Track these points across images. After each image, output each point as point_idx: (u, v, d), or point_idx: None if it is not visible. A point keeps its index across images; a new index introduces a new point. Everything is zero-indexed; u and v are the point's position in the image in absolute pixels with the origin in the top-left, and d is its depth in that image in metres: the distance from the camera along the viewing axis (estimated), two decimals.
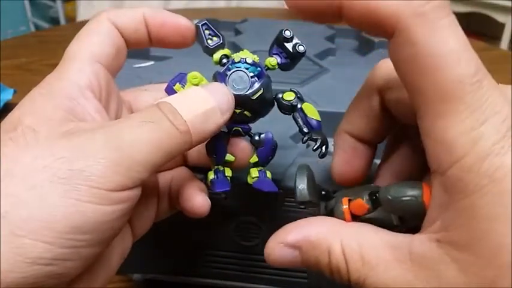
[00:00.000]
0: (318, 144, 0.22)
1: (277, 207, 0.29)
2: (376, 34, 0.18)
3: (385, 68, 0.22)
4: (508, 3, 1.91)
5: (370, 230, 0.19)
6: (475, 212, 0.16)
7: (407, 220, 0.20)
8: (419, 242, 0.18)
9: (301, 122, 0.23)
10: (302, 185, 0.22)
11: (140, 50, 0.37)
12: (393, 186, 0.20)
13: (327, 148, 0.23)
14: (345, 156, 0.24)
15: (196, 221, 0.24)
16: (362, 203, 0.21)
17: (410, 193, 0.19)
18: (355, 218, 0.21)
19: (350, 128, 0.24)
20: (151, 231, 0.26)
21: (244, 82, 0.22)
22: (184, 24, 0.24)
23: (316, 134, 0.23)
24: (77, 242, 0.17)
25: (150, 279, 0.36)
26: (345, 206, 0.21)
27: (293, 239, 0.20)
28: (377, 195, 0.20)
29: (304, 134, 0.23)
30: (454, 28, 0.16)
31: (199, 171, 0.27)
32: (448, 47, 0.16)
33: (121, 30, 0.24)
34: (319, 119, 0.23)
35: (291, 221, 0.21)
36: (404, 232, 0.19)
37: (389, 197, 0.19)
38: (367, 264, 0.18)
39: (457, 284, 0.16)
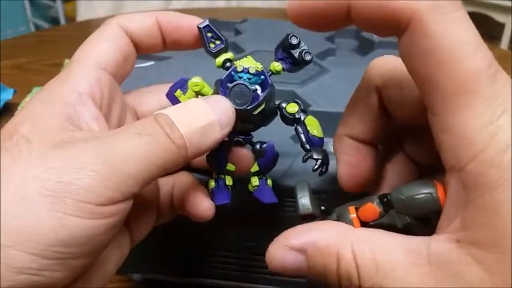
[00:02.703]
0: (317, 165, 0.22)
1: (277, 207, 0.29)
2: (385, 32, 0.18)
3: (381, 65, 0.22)
4: (508, 3, 1.91)
5: (383, 234, 0.18)
6: (497, 207, 0.15)
7: (416, 226, 0.20)
8: (437, 243, 0.17)
9: (303, 138, 0.23)
10: (304, 198, 0.21)
11: None
12: (405, 186, 0.19)
13: (327, 167, 0.23)
14: (350, 160, 0.23)
15: (196, 221, 0.24)
16: (373, 206, 0.20)
17: (424, 190, 0.18)
18: (364, 226, 0.20)
19: (350, 131, 0.23)
20: (151, 231, 0.26)
21: (245, 97, 0.22)
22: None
23: (316, 152, 0.23)
24: (64, 254, 0.17)
25: (150, 279, 0.36)
26: (353, 215, 0.21)
27: (298, 243, 0.19)
28: (388, 197, 0.20)
29: (305, 150, 0.23)
30: (467, 21, 0.16)
31: (201, 172, 0.27)
32: (464, 39, 0.16)
33: (133, 36, 0.24)
34: (322, 135, 0.23)
35: (291, 221, 0.21)
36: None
37: (403, 197, 0.19)
38: (382, 270, 0.17)
39: (482, 285, 0.15)
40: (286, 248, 0.19)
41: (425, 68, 0.16)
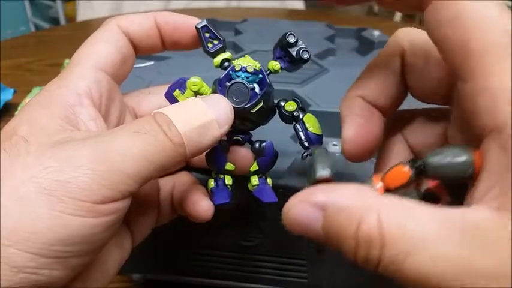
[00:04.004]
0: None
1: (278, 206, 0.29)
2: (409, 6, 0.18)
3: (409, 32, 0.21)
4: (508, 3, 1.91)
5: (412, 202, 0.16)
6: None
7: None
8: (473, 212, 0.15)
9: (302, 136, 0.23)
10: (323, 161, 0.19)
11: None
12: (442, 150, 0.18)
13: None
14: (360, 121, 0.21)
15: (196, 222, 0.24)
16: (403, 168, 0.18)
17: (464, 157, 0.17)
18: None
19: (365, 92, 0.22)
20: (151, 231, 0.26)
21: (243, 95, 0.22)
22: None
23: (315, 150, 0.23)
24: (62, 253, 0.17)
25: (150, 279, 0.36)
26: (379, 184, 0.19)
27: (320, 199, 0.17)
28: (421, 161, 0.18)
29: (304, 148, 0.23)
30: None
31: (201, 172, 0.27)
32: (486, 3, 0.16)
33: (132, 37, 0.24)
34: (321, 133, 0.23)
35: None
36: None
37: (439, 161, 0.17)
38: (410, 238, 0.15)
39: None
40: (306, 203, 0.18)
41: (452, 35, 0.16)
